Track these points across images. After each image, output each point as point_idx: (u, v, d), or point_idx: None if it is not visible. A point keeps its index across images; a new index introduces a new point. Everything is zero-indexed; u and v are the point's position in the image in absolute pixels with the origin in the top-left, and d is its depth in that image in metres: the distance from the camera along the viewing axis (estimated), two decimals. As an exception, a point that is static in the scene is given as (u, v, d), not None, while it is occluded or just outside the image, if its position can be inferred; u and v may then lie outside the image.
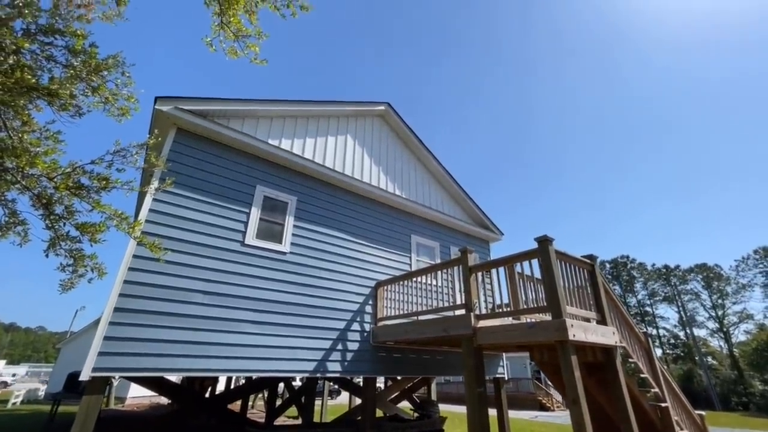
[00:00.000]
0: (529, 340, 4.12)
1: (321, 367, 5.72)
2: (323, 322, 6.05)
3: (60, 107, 3.15)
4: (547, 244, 4.28)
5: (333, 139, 7.63)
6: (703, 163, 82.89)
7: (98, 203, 3.25)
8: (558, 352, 3.80)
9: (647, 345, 5.36)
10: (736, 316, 38.28)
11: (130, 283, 4.51)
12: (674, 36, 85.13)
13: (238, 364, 4.98)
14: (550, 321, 3.93)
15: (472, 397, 4.42)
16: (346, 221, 7.18)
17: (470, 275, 5.08)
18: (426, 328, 5.47)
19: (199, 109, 5.65)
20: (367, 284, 6.96)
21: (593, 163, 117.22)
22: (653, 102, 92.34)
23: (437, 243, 8.80)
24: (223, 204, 5.64)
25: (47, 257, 3.22)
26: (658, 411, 4.89)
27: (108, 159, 3.29)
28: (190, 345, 4.67)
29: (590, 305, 4.64)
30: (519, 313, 4.53)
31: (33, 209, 3.30)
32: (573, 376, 3.61)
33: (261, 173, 6.28)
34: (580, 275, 4.75)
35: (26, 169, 3.00)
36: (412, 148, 9.41)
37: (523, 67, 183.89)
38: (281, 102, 6.75)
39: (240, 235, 5.65)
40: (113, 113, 3.34)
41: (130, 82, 3.40)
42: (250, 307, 5.34)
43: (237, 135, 5.95)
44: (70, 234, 3.26)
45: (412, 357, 7.02)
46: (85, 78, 3.19)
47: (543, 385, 23.65)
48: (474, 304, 4.93)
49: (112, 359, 4.17)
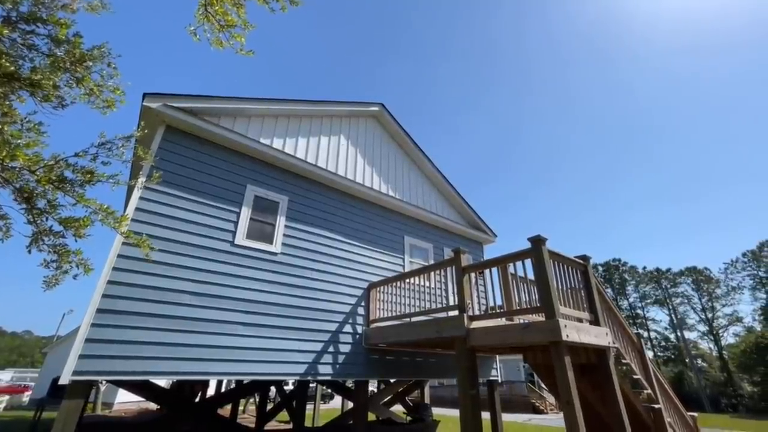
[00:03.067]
0: (523, 342, 4.07)
1: (312, 370, 5.61)
2: (315, 324, 5.95)
3: (42, 98, 3.04)
4: (541, 243, 4.25)
5: (326, 139, 7.56)
6: (693, 167, 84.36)
7: (82, 197, 3.14)
8: (551, 353, 3.76)
9: (640, 346, 5.36)
10: (725, 318, 38.85)
11: (114, 284, 4.38)
12: (670, 38, 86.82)
13: (229, 366, 4.85)
14: (543, 321, 3.90)
15: (466, 399, 4.36)
16: (338, 222, 7.10)
17: (463, 276, 5.03)
18: (419, 329, 5.40)
19: (189, 106, 5.56)
20: (359, 285, 6.87)
21: (585, 165, 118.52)
22: (650, 105, 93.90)
23: (431, 245, 8.76)
24: (212, 203, 5.53)
25: (30, 253, 3.09)
26: (651, 413, 4.88)
27: (92, 151, 3.19)
28: (178, 347, 4.54)
29: (583, 306, 4.62)
30: (512, 314, 4.49)
31: (15, 203, 3.19)
32: (567, 377, 3.57)
33: (252, 172, 6.19)
34: (574, 276, 4.73)
35: (6, 161, 2.88)
36: (406, 150, 9.38)
37: (517, 71, 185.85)
38: (273, 101, 6.67)
39: (230, 235, 5.54)
40: (98, 105, 3.25)
41: (116, 73, 3.31)
42: (240, 308, 5.23)
43: (227, 133, 5.86)
44: (53, 229, 3.14)
45: (405, 360, 6.93)
46: (69, 68, 3.10)
47: (536, 388, 23.66)
48: (467, 305, 4.88)
49: (94, 362, 4.02)
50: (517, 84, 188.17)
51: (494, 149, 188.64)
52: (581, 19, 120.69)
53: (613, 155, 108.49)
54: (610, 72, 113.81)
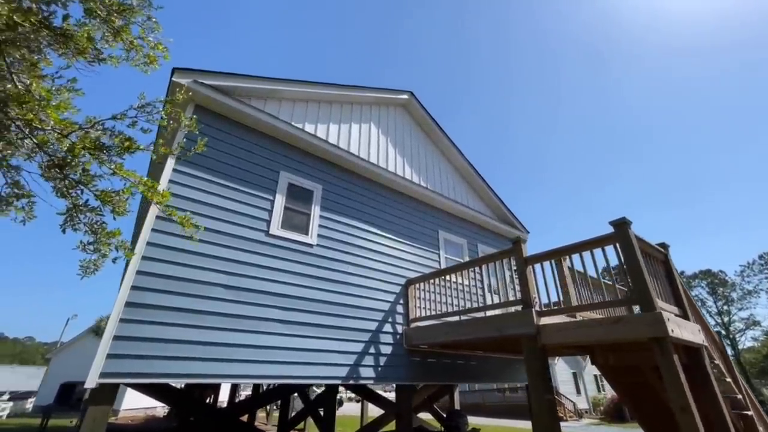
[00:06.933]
0: (611, 338, 3.56)
1: (354, 373, 5.09)
2: (354, 323, 5.45)
3: (76, 52, 2.60)
4: (626, 227, 3.76)
5: (357, 127, 7.12)
6: (704, 167, 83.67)
7: (120, 167, 2.68)
8: (654, 351, 3.24)
9: (722, 346, 4.83)
10: (742, 322, 37.88)
11: (143, 275, 3.90)
12: (665, 41, 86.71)
13: (266, 369, 4.35)
14: (639, 315, 3.39)
15: (541, 406, 3.83)
16: (373, 213, 6.62)
17: (526, 268, 4.54)
18: (473, 328, 4.88)
19: (221, 84, 5.12)
20: (396, 282, 6.37)
21: (584, 164, 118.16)
22: (651, 105, 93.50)
23: (464, 240, 8.26)
24: (245, 190, 5.07)
25: (64, 232, 2.63)
26: (742, 421, 4.33)
27: (131, 115, 2.74)
28: (213, 347, 4.04)
29: (669, 298, 4.10)
30: (597, 307, 3.98)
31: (42, 178, 2.73)
32: (679, 378, 3.05)
33: (285, 158, 5.73)
34: (653, 265, 4.22)
35: (35, 122, 2.43)
36: (434, 139, 8.93)
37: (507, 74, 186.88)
38: (305, 83, 6.24)
39: (264, 224, 5.07)
40: (138, 62, 2.80)
41: (157, 27, 2.86)
42: (277, 304, 4.74)
43: (262, 115, 5.42)
44: (90, 204, 2.68)
45: (446, 362, 6.40)
46: (105, 18, 2.66)
47: (554, 393, 22.90)
48: (533, 300, 4.38)
49: (122, 363, 3.53)
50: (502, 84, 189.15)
51: (486, 149, 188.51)
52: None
53: (617, 153, 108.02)
54: (602, 75, 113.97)
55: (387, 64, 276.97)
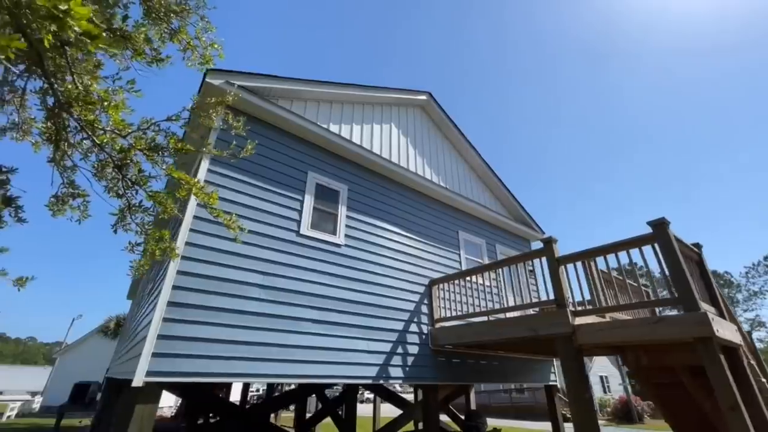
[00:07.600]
0: (654, 338, 3.57)
1: (384, 373, 5.11)
2: (381, 323, 5.46)
3: (135, 53, 2.62)
4: (665, 227, 3.77)
5: (378, 127, 7.14)
6: (705, 168, 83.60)
7: (172, 169, 2.70)
8: (697, 351, 3.26)
9: (753, 347, 4.83)
10: (748, 323, 37.77)
11: (183, 274, 3.92)
12: (664, 42, 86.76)
13: (301, 368, 4.36)
14: (683, 315, 3.40)
15: (580, 405, 3.84)
16: (396, 214, 6.64)
17: (558, 267, 4.55)
18: (505, 328, 4.89)
19: (250, 85, 5.15)
20: (420, 282, 6.39)
21: (583, 162, 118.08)
22: (652, 104, 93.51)
23: (483, 240, 8.27)
24: (276, 190, 5.09)
25: (115, 233, 2.65)
26: (776, 420, 4.32)
27: (185, 116, 2.76)
28: (251, 346, 4.06)
29: (705, 298, 4.10)
30: (632, 308, 3.99)
31: (95, 179, 2.74)
32: (727, 378, 3.07)
33: (312, 159, 5.75)
34: (690, 265, 4.22)
35: (97, 124, 2.45)
36: (451, 139, 8.95)
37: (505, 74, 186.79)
38: (328, 84, 6.26)
39: (295, 224, 5.09)
40: (194, 62, 2.82)
41: (210, 27, 2.89)
42: (310, 304, 4.75)
43: (291, 116, 5.44)
44: (143, 204, 2.70)
45: (470, 362, 6.41)
46: (163, 18, 2.68)
47: (563, 394, 22.87)
48: (567, 300, 4.39)
49: (167, 362, 3.55)
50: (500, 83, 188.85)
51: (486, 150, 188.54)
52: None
53: (615, 151, 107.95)
54: (601, 76, 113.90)
55: (384, 63, 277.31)
